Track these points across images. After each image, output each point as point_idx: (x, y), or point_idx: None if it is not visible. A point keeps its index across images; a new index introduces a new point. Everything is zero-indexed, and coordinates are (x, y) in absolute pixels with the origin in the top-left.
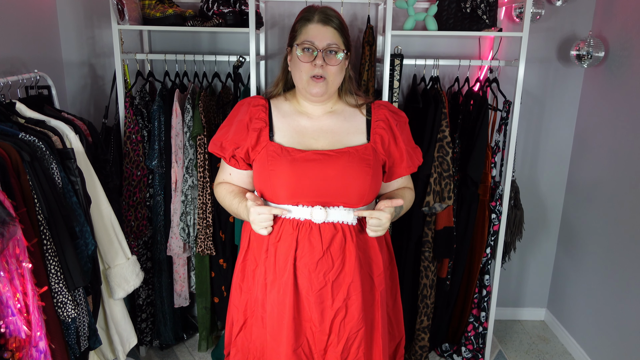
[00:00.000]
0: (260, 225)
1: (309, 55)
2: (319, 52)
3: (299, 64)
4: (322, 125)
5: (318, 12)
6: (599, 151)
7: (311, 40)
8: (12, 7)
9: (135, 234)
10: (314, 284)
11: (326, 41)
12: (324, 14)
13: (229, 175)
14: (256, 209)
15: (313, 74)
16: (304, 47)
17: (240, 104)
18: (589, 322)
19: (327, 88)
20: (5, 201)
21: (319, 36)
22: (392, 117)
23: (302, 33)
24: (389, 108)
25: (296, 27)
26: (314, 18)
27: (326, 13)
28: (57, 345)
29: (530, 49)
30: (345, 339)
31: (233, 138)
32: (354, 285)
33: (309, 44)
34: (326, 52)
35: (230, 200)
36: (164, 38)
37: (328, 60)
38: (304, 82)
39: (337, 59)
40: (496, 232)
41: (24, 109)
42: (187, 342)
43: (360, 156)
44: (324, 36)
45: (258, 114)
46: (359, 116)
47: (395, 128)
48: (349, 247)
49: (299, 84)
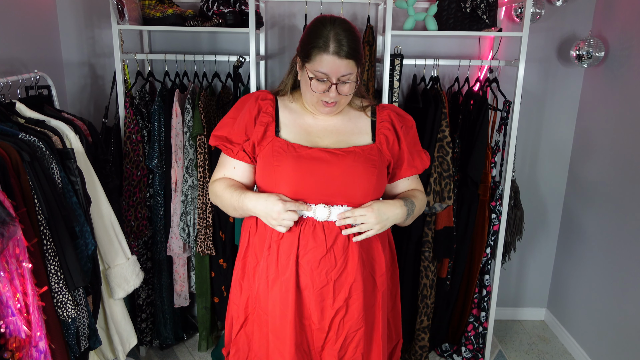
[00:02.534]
0: (282, 224)
1: (322, 85)
2: (333, 85)
3: (310, 88)
4: (328, 125)
5: (334, 42)
6: (599, 151)
7: (326, 72)
8: (12, 7)
9: (135, 234)
10: (315, 282)
11: (340, 73)
12: (341, 45)
13: (232, 170)
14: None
15: (324, 99)
16: (318, 77)
17: (247, 98)
18: (589, 322)
19: (337, 108)
20: (5, 201)
21: (334, 70)
22: (396, 119)
23: (315, 60)
24: (394, 110)
25: (309, 51)
26: (329, 48)
27: (341, 43)
28: (57, 345)
29: (530, 49)
30: (343, 337)
31: (241, 130)
32: (355, 284)
33: (322, 74)
34: (340, 82)
35: (231, 193)
36: (164, 38)
37: (341, 89)
38: (314, 102)
39: (351, 87)
40: (496, 232)
41: (24, 109)
42: (187, 342)
43: (366, 156)
44: (340, 69)
45: (266, 108)
46: (363, 117)
47: (400, 129)
48: (352, 247)
49: (308, 102)
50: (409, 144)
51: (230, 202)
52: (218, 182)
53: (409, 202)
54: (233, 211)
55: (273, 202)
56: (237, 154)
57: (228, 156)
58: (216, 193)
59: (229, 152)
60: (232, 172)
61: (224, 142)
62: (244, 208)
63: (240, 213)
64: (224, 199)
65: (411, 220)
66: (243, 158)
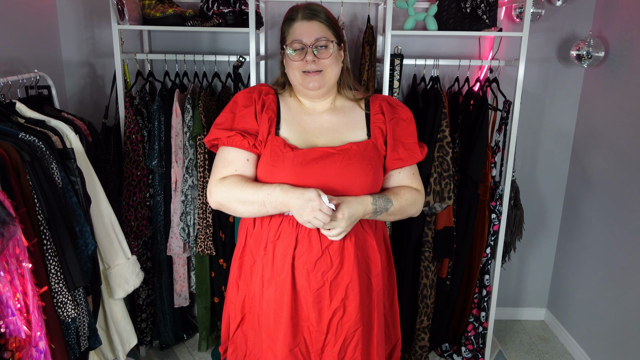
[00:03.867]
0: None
1: (300, 54)
2: (308, 47)
3: (291, 62)
4: (323, 122)
5: (302, 10)
6: (599, 151)
7: (299, 38)
8: (12, 7)
9: (135, 234)
10: (312, 283)
11: (314, 36)
12: (308, 9)
13: (245, 163)
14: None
15: (305, 69)
16: (294, 47)
17: (250, 91)
18: (589, 322)
19: (324, 80)
20: (5, 201)
21: (306, 32)
22: (387, 110)
23: (289, 34)
24: (387, 100)
25: (283, 29)
26: (298, 16)
27: (310, 8)
28: (57, 345)
29: (530, 49)
30: (342, 338)
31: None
32: (352, 285)
33: (297, 42)
34: (316, 47)
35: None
36: (164, 38)
37: (319, 54)
38: (298, 78)
39: (328, 52)
40: (496, 232)
41: (24, 109)
42: (187, 342)
43: (362, 153)
44: (311, 31)
45: (269, 103)
46: (358, 110)
47: (389, 122)
48: (348, 247)
49: (295, 82)
50: (396, 136)
51: (257, 197)
52: (230, 178)
53: (382, 198)
54: (259, 207)
55: (311, 196)
56: (252, 145)
57: (238, 149)
58: (232, 189)
59: (243, 144)
60: (245, 166)
61: (239, 133)
62: (277, 201)
63: (267, 209)
64: (247, 193)
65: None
66: (256, 149)
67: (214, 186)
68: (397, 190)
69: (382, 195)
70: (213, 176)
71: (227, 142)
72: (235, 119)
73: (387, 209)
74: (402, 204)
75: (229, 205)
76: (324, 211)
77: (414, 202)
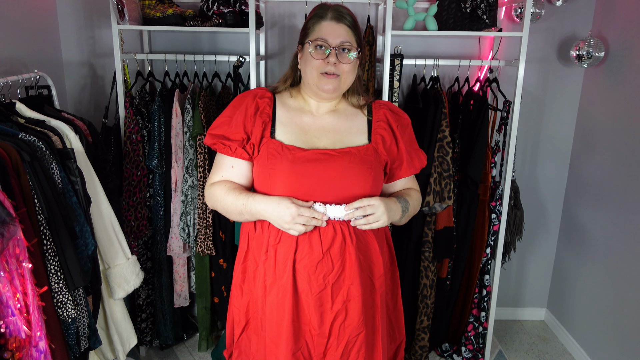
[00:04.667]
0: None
1: (321, 53)
2: (332, 49)
3: (311, 60)
4: (325, 123)
5: (332, 10)
6: (599, 151)
7: (324, 37)
8: (12, 7)
9: (135, 234)
10: (313, 286)
11: (339, 39)
12: (338, 12)
13: (230, 169)
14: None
15: (325, 70)
16: (317, 44)
17: (244, 95)
18: (589, 322)
19: (339, 85)
20: (5, 201)
21: (333, 34)
22: (392, 117)
23: (315, 30)
24: (390, 107)
25: (309, 25)
26: (327, 15)
27: (339, 10)
28: (57, 345)
29: (530, 49)
30: (345, 342)
31: (239, 127)
32: (353, 287)
33: (322, 41)
34: (339, 50)
35: (235, 197)
36: (164, 38)
37: (341, 58)
38: (315, 78)
39: (349, 58)
40: (496, 232)
41: (24, 109)
42: (187, 342)
43: (362, 157)
44: (338, 34)
45: (264, 107)
46: (360, 116)
47: (396, 129)
48: (349, 250)
49: (309, 80)
50: (407, 144)
51: (235, 206)
52: (217, 185)
53: (402, 200)
54: (238, 215)
55: (286, 205)
56: (235, 151)
57: (225, 156)
58: (216, 197)
59: (226, 150)
60: (231, 173)
61: (221, 140)
62: (252, 212)
63: (247, 217)
64: (227, 203)
65: (407, 219)
66: (241, 155)
67: (206, 190)
68: (405, 192)
69: (399, 197)
70: (208, 179)
71: (214, 148)
72: (224, 124)
73: (407, 209)
74: (414, 205)
75: (220, 211)
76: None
77: (419, 202)
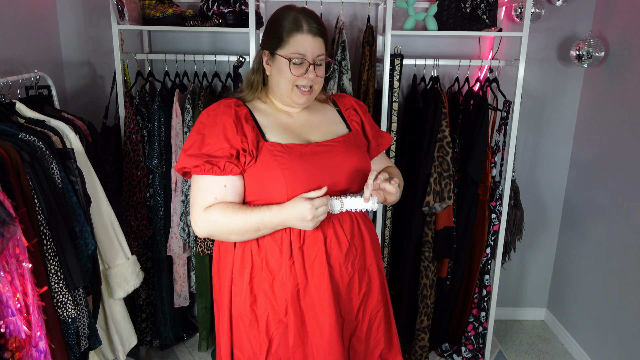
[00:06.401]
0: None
1: (300, 69)
2: (311, 65)
3: (287, 73)
4: (304, 120)
5: (306, 21)
6: (599, 151)
7: (302, 53)
8: (12, 7)
9: (135, 234)
10: (344, 275)
11: (317, 53)
12: (314, 23)
13: (224, 189)
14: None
15: (302, 84)
16: (295, 60)
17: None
18: (589, 322)
19: (312, 96)
20: (5, 201)
21: (310, 49)
22: (357, 105)
23: (290, 43)
24: (348, 97)
25: (282, 35)
26: (304, 28)
27: (316, 22)
28: (57, 345)
29: (530, 49)
30: (367, 320)
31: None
32: (372, 267)
33: (300, 57)
34: (315, 63)
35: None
36: (164, 38)
37: (318, 71)
38: (289, 91)
39: (323, 69)
40: (496, 232)
41: (24, 109)
42: (187, 342)
43: (354, 142)
44: (314, 48)
45: (245, 113)
46: (329, 108)
47: (362, 115)
48: (364, 232)
49: (282, 92)
50: (372, 127)
51: (249, 225)
52: (214, 209)
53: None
54: (252, 233)
55: (302, 204)
56: (224, 168)
57: (213, 176)
58: (218, 222)
59: (214, 170)
60: (224, 192)
61: (207, 160)
62: (273, 224)
63: (262, 232)
64: (236, 223)
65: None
66: (232, 171)
67: (199, 217)
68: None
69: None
70: (194, 206)
71: (196, 171)
72: (204, 142)
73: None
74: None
75: (221, 235)
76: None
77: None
